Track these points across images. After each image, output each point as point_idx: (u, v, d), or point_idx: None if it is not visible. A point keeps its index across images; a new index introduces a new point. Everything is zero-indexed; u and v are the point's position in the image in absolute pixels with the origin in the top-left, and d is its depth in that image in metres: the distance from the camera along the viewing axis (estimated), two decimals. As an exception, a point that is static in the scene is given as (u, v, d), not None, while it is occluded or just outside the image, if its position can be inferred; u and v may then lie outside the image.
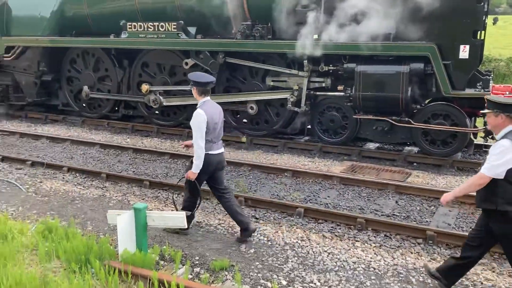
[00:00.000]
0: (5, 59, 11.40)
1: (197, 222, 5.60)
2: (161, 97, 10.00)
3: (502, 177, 3.50)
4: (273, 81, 9.16)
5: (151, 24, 9.62)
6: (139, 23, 9.75)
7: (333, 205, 6.23)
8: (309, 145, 9.21)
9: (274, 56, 9.07)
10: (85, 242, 4.54)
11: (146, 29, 9.71)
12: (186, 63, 9.64)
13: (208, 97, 5.00)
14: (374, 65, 8.06)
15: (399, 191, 6.68)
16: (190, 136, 9.92)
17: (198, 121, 4.77)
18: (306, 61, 8.57)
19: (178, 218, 4.38)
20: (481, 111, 3.90)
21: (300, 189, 6.85)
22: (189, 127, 5.07)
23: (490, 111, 3.66)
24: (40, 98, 11.87)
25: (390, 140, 8.74)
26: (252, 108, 9.41)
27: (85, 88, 11.02)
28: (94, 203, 6.21)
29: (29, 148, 9.09)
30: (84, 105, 11.55)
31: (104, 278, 4.03)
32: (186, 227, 4.61)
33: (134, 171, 7.68)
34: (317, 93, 8.87)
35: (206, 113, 4.81)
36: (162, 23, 9.53)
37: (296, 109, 8.89)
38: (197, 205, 5.21)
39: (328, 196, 6.58)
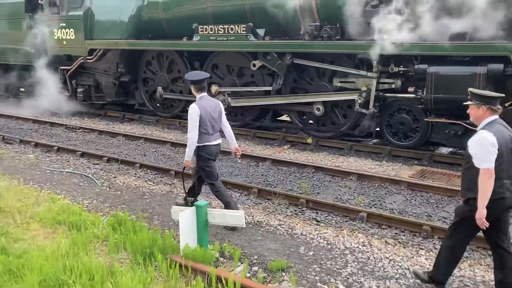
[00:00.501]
0: (88, 61, 12.21)
1: (258, 221, 5.67)
2: (229, 98, 10.22)
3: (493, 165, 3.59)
4: (340, 82, 9.02)
5: (221, 26, 9.86)
6: (210, 26, 10.03)
7: (399, 210, 6.02)
8: (377, 148, 8.97)
9: (342, 56, 8.93)
10: (150, 236, 4.77)
11: (216, 32, 9.97)
12: (254, 65, 9.77)
13: (205, 93, 5.49)
14: (448, 66, 7.67)
15: (472, 199, 6.31)
16: (257, 137, 10.16)
17: (191, 114, 5.32)
18: (375, 62, 8.35)
19: (236, 217, 4.46)
20: (464, 103, 4.03)
21: (365, 193, 6.69)
22: (259, 128, 5.27)
23: (472, 102, 3.82)
24: (118, 98, 12.59)
25: (464, 145, 8.25)
26: (318, 109, 9.34)
27: (159, 89, 11.53)
28: (162, 199, 6.49)
29: (106, 145, 9.68)
30: (158, 105, 12.08)
31: (166, 271, 4.20)
32: (244, 225, 4.68)
33: (201, 170, 7.91)
34: (386, 94, 8.60)
35: (200, 107, 5.31)
36: (232, 26, 9.73)
37: (364, 110, 8.69)
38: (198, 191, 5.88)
39: (394, 202, 6.37)
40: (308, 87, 9.66)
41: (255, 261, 4.69)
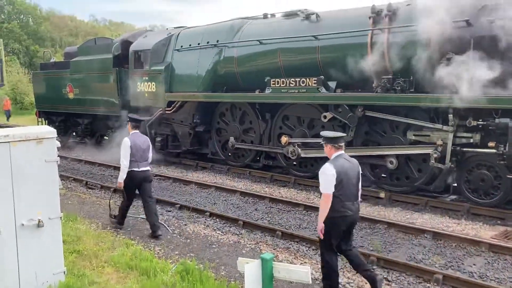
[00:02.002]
0: (166, 112, 12.94)
1: (325, 278, 5.49)
2: (299, 149, 10.26)
3: (333, 191, 4.66)
4: (414, 135, 8.77)
5: (293, 79, 10.09)
6: (282, 79, 10.31)
7: (479, 274, 5.58)
8: (455, 205, 8.47)
9: (416, 109, 8.73)
10: (216, 286, 4.78)
11: (288, 85, 10.21)
12: (325, 117, 9.81)
13: (137, 131, 7.15)
14: (533, 120, 7.22)
15: None
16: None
17: (124, 145, 6.92)
18: (452, 115, 8.06)
19: (303, 272, 4.36)
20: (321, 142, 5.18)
21: (440, 253, 6.30)
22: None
23: (322, 142, 4.97)
24: (193, 147, 13.12)
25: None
26: (391, 162, 9.09)
27: (232, 139, 11.88)
28: (229, 249, 6.53)
29: (179, 192, 10.01)
30: (229, 154, 12.41)
31: (230, 324, 4.16)
32: (310, 282, 4.55)
33: (269, 220, 7.90)
34: (464, 149, 8.21)
35: (131, 141, 6.90)
36: (303, 79, 9.93)
37: (440, 165, 8.33)
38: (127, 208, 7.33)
39: (474, 264, 5.92)
40: (380, 139, 9.48)
41: (322, 320, 4.52)
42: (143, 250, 6.28)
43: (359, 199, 4.97)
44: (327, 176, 4.67)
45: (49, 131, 4.87)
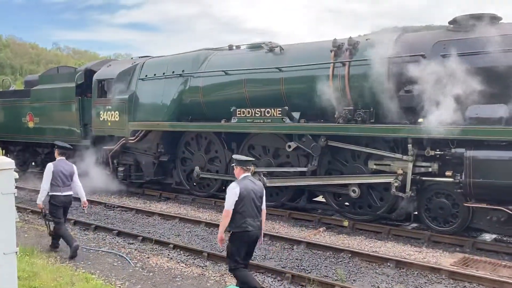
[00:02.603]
0: (129, 141, 12.76)
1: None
2: (264, 178, 10.29)
3: (232, 208, 5.25)
4: (376, 164, 8.99)
5: (258, 110, 10.20)
6: (247, 109, 10.41)
7: (440, 302, 5.68)
8: (416, 233, 8.67)
9: (377, 139, 8.98)
10: (179, 322, 4.66)
11: (253, 115, 10.31)
12: (289, 146, 9.93)
13: (63, 158, 7.74)
14: (486, 150, 7.56)
15: (521, 292, 5.90)
16: (292, 218, 10.03)
17: (46, 170, 7.52)
18: (411, 145, 8.34)
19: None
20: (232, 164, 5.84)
21: (403, 282, 6.39)
22: (294, 209, 5.34)
23: (233, 164, 5.56)
24: (157, 176, 12.93)
25: (508, 232, 7.89)
26: (354, 191, 9.25)
27: (197, 168, 11.79)
28: (193, 282, 6.40)
29: (142, 224, 9.80)
30: (194, 184, 12.30)
31: None
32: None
33: (234, 251, 7.81)
34: (424, 178, 8.47)
35: (54, 166, 7.49)
36: (268, 109, 10.06)
37: (401, 194, 8.54)
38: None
39: (435, 292, 6.03)
40: (343, 168, 9.66)
41: None
42: (104, 284, 6.07)
43: (263, 218, 5.55)
44: (231, 194, 5.28)
45: (6, 162, 4.72)
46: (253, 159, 6.18)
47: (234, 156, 5.68)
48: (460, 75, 7.71)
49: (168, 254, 7.68)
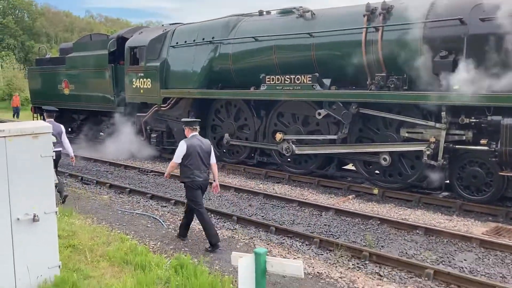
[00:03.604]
0: (162, 108, 12.96)
1: (318, 273, 5.57)
2: (293, 146, 10.33)
3: (179, 162, 6.33)
4: (408, 132, 8.85)
5: (288, 76, 10.14)
6: (276, 76, 10.36)
7: (470, 269, 5.67)
8: (447, 202, 8.58)
9: (409, 107, 8.81)
10: (210, 281, 4.84)
11: (283, 82, 10.26)
12: (319, 113, 9.87)
13: (52, 119, 8.63)
14: (524, 118, 7.31)
15: (553, 262, 5.81)
16: (321, 185, 10.08)
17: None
18: (444, 112, 8.15)
19: (295, 266, 4.42)
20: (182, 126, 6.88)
21: (432, 249, 6.39)
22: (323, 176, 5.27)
23: (183, 126, 6.61)
24: (188, 143, 13.12)
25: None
26: (385, 159, 9.17)
27: (226, 135, 11.92)
28: (223, 244, 6.58)
29: (174, 188, 10.06)
30: (224, 151, 12.45)
31: (223, 317, 4.22)
32: (302, 276, 4.61)
33: (263, 216, 7.97)
34: (457, 146, 8.30)
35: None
36: (298, 76, 9.98)
37: (432, 162, 8.41)
38: None
39: (465, 260, 6.01)
40: (374, 136, 9.56)
41: (314, 314, 4.59)
42: (138, 245, 6.32)
43: (213, 171, 6.63)
44: (179, 149, 6.31)
45: (44, 126, 4.90)
46: (199, 120, 6.96)
47: (183, 119, 6.84)
48: (499, 40, 7.41)
49: (199, 218, 7.87)
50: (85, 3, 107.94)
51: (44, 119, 17.43)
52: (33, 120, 17.66)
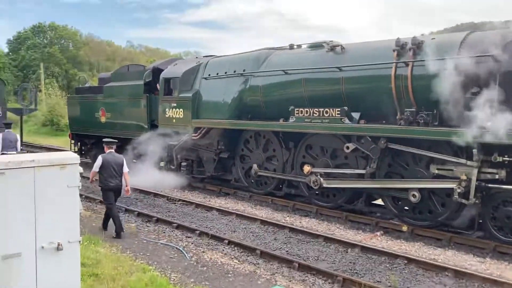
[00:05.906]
0: (193, 138, 13.18)
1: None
2: (321, 179, 10.24)
3: (97, 171, 8.40)
4: (438, 169, 8.63)
5: (317, 109, 10.15)
6: (305, 109, 10.39)
7: (500, 318, 5.38)
8: (479, 243, 8.23)
9: (439, 143, 8.62)
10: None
11: (311, 114, 10.27)
12: (347, 147, 9.79)
13: (10, 130, 11.15)
14: (561, 158, 7.02)
15: None
16: (349, 220, 9.87)
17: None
18: (476, 150, 7.92)
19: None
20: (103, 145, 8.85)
21: (461, 293, 6.12)
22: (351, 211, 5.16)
23: (104, 145, 8.71)
24: (217, 172, 13.27)
25: None
26: (414, 195, 8.94)
27: (255, 166, 11.96)
28: (244, 279, 6.53)
29: (200, 218, 10.11)
30: (252, 181, 12.47)
31: None
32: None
33: (287, 251, 7.87)
34: (490, 185, 8.02)
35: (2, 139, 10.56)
36: (326, 109, 9.97)
37: (464, 201, 8.15)
38: None
39: (496, 306, 5.72)
40: (403, 172, 9.37)
41: None
42: (159, 276, 6.36)
43: (126, 178, 8.58)
44: (96, 162, 8.41)
45: (72, 157, 5.09)
46: (116, 141, 8.99)
47: (103, 139, 8.74)
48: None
49: (223, 250, 7.88)
50: (126, 33, 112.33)
51: (80, 146, 18.13)
52: (70, 145, 18.28)
